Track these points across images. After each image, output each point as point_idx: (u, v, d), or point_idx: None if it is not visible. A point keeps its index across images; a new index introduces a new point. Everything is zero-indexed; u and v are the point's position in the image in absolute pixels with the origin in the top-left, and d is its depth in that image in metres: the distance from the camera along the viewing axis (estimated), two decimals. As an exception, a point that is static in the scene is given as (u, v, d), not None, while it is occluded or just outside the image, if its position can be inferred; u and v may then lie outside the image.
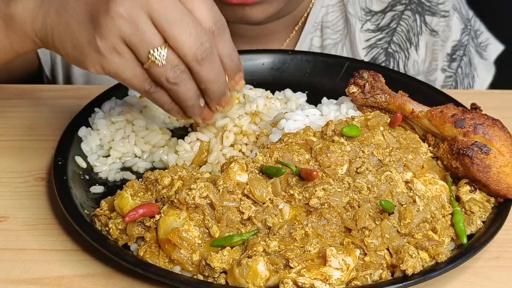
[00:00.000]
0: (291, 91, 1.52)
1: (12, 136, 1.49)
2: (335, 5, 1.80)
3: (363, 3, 1.80)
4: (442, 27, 1.81)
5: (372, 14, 1.80)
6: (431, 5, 1.81)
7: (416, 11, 1.81)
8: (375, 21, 1.81)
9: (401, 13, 1.80)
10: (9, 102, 1.57)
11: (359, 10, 1.79)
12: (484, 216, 1.24)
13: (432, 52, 1.82)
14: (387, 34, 1.81)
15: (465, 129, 1.26)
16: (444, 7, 1.81)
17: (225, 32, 1.22)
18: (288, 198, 1.17)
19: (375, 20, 1.81)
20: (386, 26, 1.81)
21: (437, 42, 1.81)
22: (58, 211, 1.29)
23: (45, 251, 1.22)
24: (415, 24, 1.80)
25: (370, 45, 1.81)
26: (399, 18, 1.80)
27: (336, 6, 1.80)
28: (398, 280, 1.12)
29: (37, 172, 1.39)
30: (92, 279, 1.17)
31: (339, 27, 1.80)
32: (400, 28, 1.80)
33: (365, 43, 1.80)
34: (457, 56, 1.83)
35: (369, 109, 1.36)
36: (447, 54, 1.82)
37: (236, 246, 1.15)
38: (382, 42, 1.81)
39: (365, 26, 1.80)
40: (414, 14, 1.81)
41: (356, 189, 1.18)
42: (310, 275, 1.09)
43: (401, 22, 1.80)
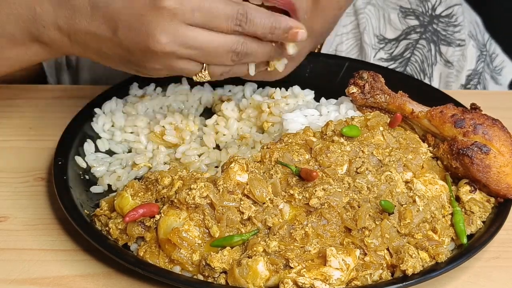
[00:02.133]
0: (299, 88, 1.52)
1: (12, 136, 1.49)
2: (349, 33, 1.75)
3: (377, 30, 1.75)
4: (457, 57, 1.76)
5: (386, 42, 1.75)
6: (446, 34, 1.76)
7: (431, 40, 1.76)
8: (388, 50, 1.76)
9: (416, 42, 1.75)
10: (9, 102, 1.57)
11: (373, 37, 1.75)
12: (484, 216, 1.24)
13: (446, 83, 1.77)
14: (401, 64, 1.76)
15: (465, 129, 1.26)
16: (460, 35, 1.76)
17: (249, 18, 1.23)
18: (288, 198, 1.17)
19: (389, 49, 1.76)
20: (400, 56, 1.76)
21: (451, 74, 1.76)
22: (58, 211, 1.29)
23: (45, 251, 1.22)
24: (430, 54, 1.76)
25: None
26: (413, 48, 1.75)
27: (351, 33, 1.75)
28: (398, 280, 1.12)
29: (37, 172, 1.39)
30: (92, 279, 1.17)
31: (353, 55, 1.75)
32: (414, 58, 1.75)
33: None
34: (471, 85, 1.78)
35: (369, 109, 1.36)
36: (461, 85, 1.77)
37: (236, 246, 1.15)
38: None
39: (378, 54, 1.75)
40: (429, 43, 1.76)
41: (356, 189, 1.18)
42: (310, 275, 1.09)
43: (415, 52, 1.75)
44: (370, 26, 1.74)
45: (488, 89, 1.83)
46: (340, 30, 1.74)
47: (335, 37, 1.74)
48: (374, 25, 1.75)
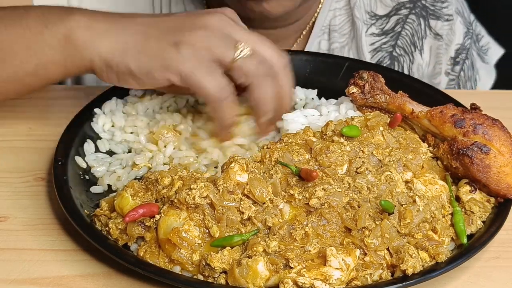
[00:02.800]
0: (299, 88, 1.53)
1: (12, 136, 1.49)
2: (342, 8, 1.81)
3: (368, 7, 1.81)
4: (446, 31, 1.82)
5: (377, 18, 1.81)
6: (435, 9, 1.82)
7: (420, 15, 1.82)
8: (379, 25, 1.81)
9: (406, 17, 1.81)
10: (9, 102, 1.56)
11: (364, 13, 1.80)
12: (484, 216, 1.24)
13: (436, 55, 1.83)
14: (392, 38, 1.82)
15: (465, 129, 1.26)
16: (448, 11, 1.82)
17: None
18: (288, 198, 1.17)
19: (380, 24, 1.81)
20: (391, 30, 1.82)
21: (441, 46, 1.82)
22: (58, 211, 1.29)
23: (45, 251, 1.22)
24: (420, 28, 1.82)
25: (375, 48, 1.81)
26: (404, 22, 1.81)
27: (343, 10, 1.81)
28: (398, 280, 1.12)
29: (37, 172, 1.39)
30: (92, 279, 1.17)
31: (345, 30, 1.81)
32: (404, 32, 1.81)
33: (370, 47, 1.81)
34: (460, 59, 1.84)
35: (369, 109, 1.36)
36: (451, 58, 1.83)
37: (236, 246, 1.15)
38: (387, 46, 1.82)
39: (370, 30, 1.81)
40: (419, 18, 1.82)
41: (356, 189, 1.18)
42: (310, 275, 1.09)
43: (406, 26, 1.81)
44: (361, 2, 1.80)
45: (475, 65, 1.89)
46: (333, 5, 1.79)
47: (328, 11, 1.79)
48: (365, 2, 1.80)
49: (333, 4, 1.80)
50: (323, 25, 1.80)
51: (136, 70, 1.28)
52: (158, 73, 1.27)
